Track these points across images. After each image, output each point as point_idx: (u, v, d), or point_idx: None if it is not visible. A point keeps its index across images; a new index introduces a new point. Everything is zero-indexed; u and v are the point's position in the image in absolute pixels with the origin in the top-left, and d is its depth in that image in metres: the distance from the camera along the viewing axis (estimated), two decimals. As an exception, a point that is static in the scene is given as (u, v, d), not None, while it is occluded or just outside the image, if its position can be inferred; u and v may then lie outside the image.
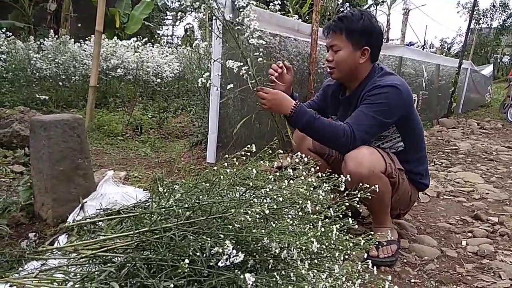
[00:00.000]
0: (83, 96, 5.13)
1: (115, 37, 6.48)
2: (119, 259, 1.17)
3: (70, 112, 4.65)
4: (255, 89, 1.61)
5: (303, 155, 1.35)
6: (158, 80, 6.07)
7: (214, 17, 1.28)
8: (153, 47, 6.61)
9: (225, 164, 1.27)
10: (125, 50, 5.94)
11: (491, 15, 23.74)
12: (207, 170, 1.31)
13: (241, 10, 1.27)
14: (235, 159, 1.28)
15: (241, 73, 1.46)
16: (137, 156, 3.46)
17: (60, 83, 5.17)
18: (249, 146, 1.22)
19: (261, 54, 1.48)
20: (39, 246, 1.58)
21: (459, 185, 3.22)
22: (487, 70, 11.66)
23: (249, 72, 1.52)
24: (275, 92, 1.63)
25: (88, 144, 2.10)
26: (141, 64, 5.92)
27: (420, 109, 6.36)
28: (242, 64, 1.46)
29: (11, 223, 1.84)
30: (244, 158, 1.28)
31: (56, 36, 5.95)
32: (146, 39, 6.44)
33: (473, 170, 3.76)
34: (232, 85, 1.65)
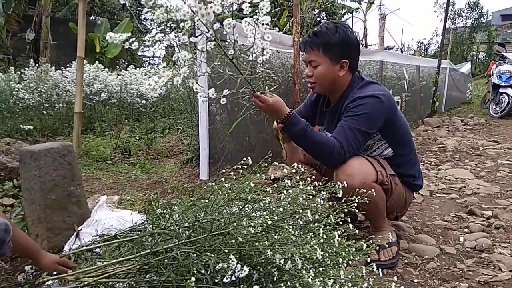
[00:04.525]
0: (68, 123, 5.08)
1: (97, 62, 6.46)
2: (122, 284, 1.16)
3: (56, 140, 4.59)
4: (251, 94, 1.59)
5: (299, 165, 1.36)
6: (143, 101, 6.05)
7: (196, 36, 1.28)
8: (135, 68, 6.59)
9: (223, 179, 1.26)
10: (108, 74, 5.94)
11: (466, 14, 24.36)
12: (205, 187, 1.31)
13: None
14: (232, 173, 1.28)
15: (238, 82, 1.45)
16: (128, 179, 3.43)
17: (44, 112, 5.11)
18: (245, 159, 1.22)
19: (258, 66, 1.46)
20: (36, 278, 1.55)
21: (450, 182, 3.26)
22: (465, 67, 11.91)
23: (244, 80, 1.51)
24: (270, 103, 1.62)
25: (79, 170, 2.08)
26: (124, 86, 5.90)
27: (404, 111, 6.45)
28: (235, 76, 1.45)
29: (6, 258, 1.79)
30: (240, 171, 1.28)
31: (37, 65, 5.91)
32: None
33: (462, 166, 3.82)
34: (224, 96, 1.63)
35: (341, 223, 1.31)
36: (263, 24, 1.26)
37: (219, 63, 1.32)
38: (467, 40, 23.34)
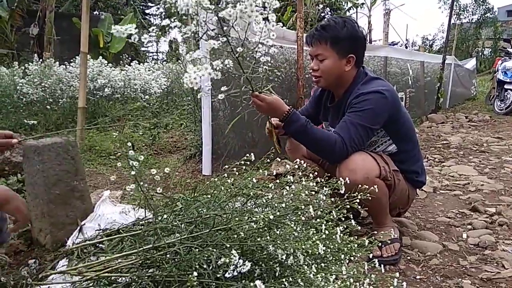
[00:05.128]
0: (72, 118, 5.09)
1: (100, 57, 6.47)
2: (124, 279, 1.16)
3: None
4: (250, 95, 1.60)
5: (302, 161, 1.36)
6: (147, 97, 6.06)
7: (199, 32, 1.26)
8: (139, 63, 6.59)
9: (225, 175, 1.26)
10: (111, 69, 5.94)
11: (472, 10, 24.15)
12: (208, 183, 1.31)
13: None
14: (234, 169, 1.28)
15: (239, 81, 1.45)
16: (131, 174, 3.43)
17: (48, 107, 5.13)
18: (248, 155, 1.22)
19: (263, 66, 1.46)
20: (40, 272, 1.56)
21: (454, 178, 3.25)
22: (470, 63, 11.82)
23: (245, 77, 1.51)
24: (270, 101, 1.62)
25: (83, 165, 2.09)
26: (128, 81, 5.90)
27: (408, 107, 6.42)
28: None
29: (10, 252, 1.81)
30: (243, 167, 1.28)
31: (41, 60, 5.92)
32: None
33: (466, 163, 3.80)
34: (223, 93, 1.64)
35: (343, 219, 1.31)
36: (271, 23, 1.26)
37: (222, 60, 1.31)
38: (472, 35, 23.17)
